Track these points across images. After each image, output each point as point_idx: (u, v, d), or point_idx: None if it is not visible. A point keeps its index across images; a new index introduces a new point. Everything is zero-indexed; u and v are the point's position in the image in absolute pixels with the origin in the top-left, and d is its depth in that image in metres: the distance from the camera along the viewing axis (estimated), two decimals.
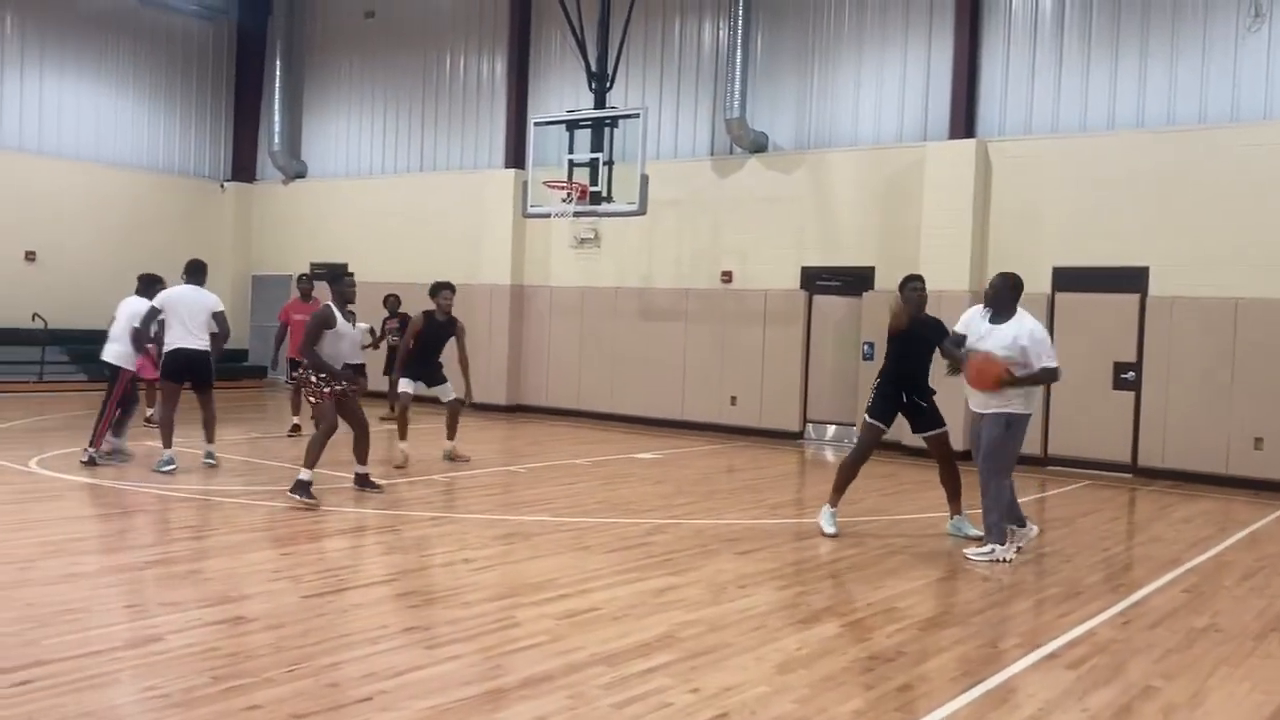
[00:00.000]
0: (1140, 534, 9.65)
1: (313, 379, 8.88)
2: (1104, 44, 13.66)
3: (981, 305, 7.93)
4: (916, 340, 8.32)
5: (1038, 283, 13.72)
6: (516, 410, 17.89)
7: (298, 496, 8.58)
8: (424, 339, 11.16)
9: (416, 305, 14.98)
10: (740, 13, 15.86)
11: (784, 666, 5.09)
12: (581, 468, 12.08)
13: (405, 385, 11.24)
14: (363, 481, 9.38)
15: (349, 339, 9.15)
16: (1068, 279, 13.57)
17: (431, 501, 9.28)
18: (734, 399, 15.94)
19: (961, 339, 7.87)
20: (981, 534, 7.99)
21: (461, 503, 9.46)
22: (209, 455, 10.62)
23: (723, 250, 16.37)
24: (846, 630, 5.76)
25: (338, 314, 9.04)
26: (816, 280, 15.56)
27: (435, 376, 11.39)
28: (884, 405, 8.43)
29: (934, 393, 8.52)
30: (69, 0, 20.04)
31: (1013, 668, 5.20)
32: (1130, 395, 13.08)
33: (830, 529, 8.35)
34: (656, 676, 4.83)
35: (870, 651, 5.38)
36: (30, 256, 19.43)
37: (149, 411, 13.34)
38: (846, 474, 8.47)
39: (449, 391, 11.43)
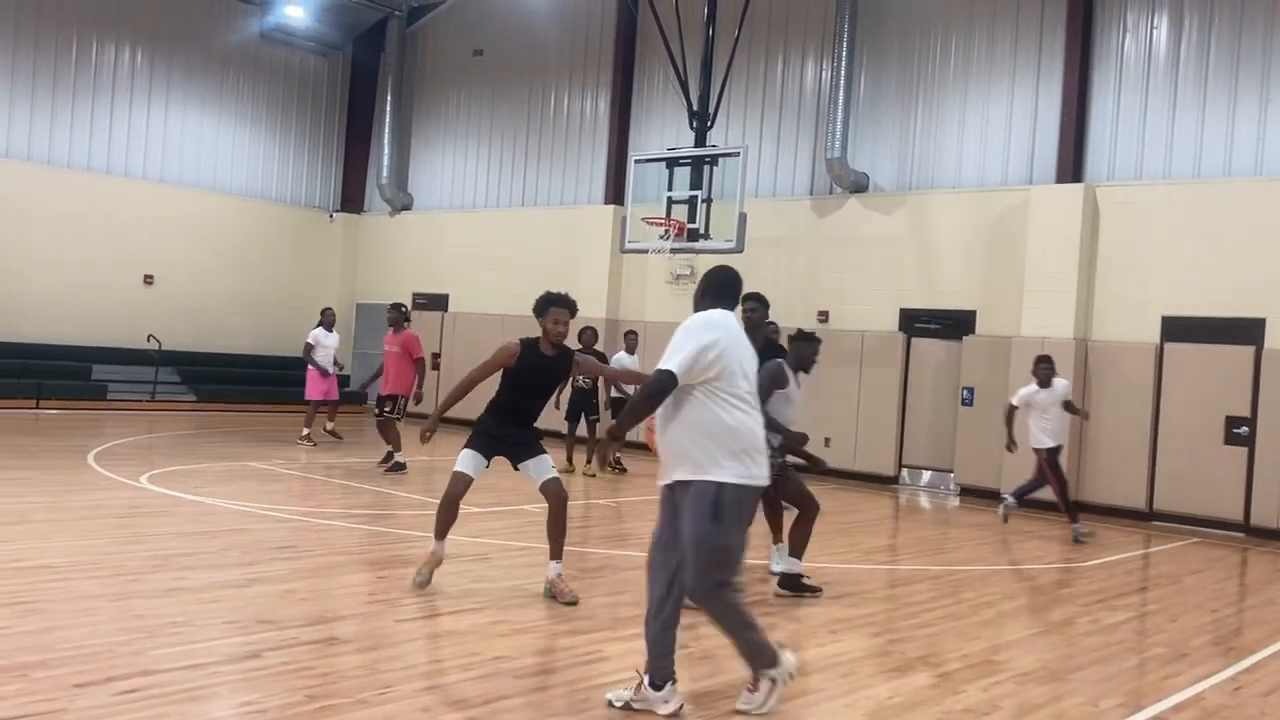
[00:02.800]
0: (1252, 596, 9.24)
1: None
2: (1221, 87, 13.29)
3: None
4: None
5: (1146, 332, 13.35)
6: None
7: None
8: (517, 382, 6.96)
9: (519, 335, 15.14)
10: (843, 53, 15.84)
11: (875, 715, 4.99)
12: None
13: (467, 463, 6.85)
14: None
15: None
16: (1178, 329, 13.16)
17: (523, 532, 9.35)
18: (828, 440, 15.75)
19: None
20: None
21: None
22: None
23: (820, 290, 16.27)
24: (940, 681, 5.62)
25: None
26: (915, 323, 15.36)
27: (526, 444, 7.00)
28: None
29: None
30: (194, 36, 20.97)
31: None
32: (1243, 451, 12.56)
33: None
34: (746, 718, 4.77)
35: (964, 704, 5.24)
36: (148, 280, 20.25)
37: (329, 424, 15.28)
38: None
39: (546, 467, 6.98)
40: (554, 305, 6.92)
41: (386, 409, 12.90)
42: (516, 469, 7.01)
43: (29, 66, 18.92)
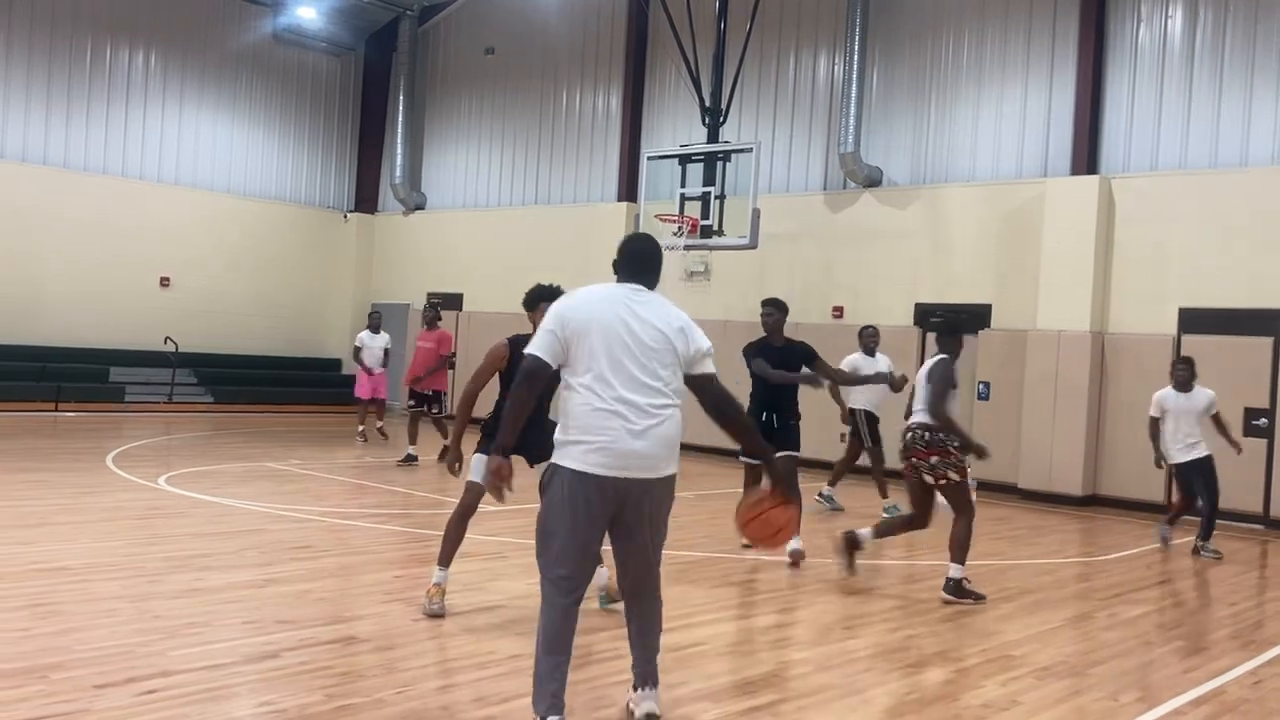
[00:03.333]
0: (1273, 589, 9.18)
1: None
2: (1237, 76, 13.19)
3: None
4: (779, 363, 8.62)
5: (1163, 324, 13.27)
6: None
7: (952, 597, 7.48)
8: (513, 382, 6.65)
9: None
10: (855, 47, 15.79)
11: (892, 711, 4.98)
12: (687, 501, 12.04)
13: (480, 470, 6.34)
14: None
15: None
16: (1195, 321, 13.08)
17: None
18: (843, 436, 15.69)
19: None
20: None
21: None
22: None
23: (834, 285, 16.23)
24: (958, 677, 5.61)
25: None
26: (930, 317, 15.29)
27: (541, 445, 5.54)
28: None
29: (799, 416, 8.68)
30: (207, 38, 21.07)
31: None
32: (1263, 443, 12.47)
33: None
34: (761, 715, 4.77)
35: (983, 700, 5.22)
36: (165, 282, 20.35)
37: (378, 423, 15.62)
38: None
39: None
40: (544, 299, 6.29)
41: (434, 409, 13.57)
42: (532, 467, 6.36)
43: (44, 72, 19.04)
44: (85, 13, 19.46)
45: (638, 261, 4.49)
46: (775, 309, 8.78)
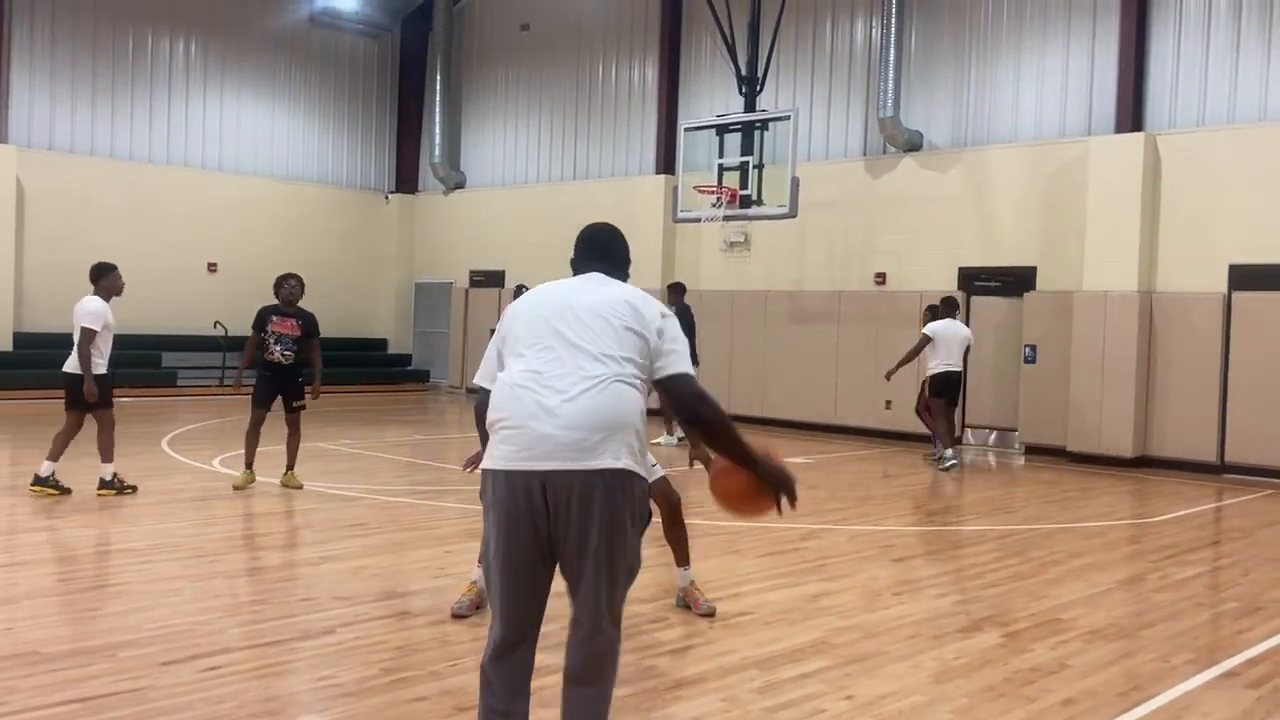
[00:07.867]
0: None
1: None
2: None
3: None
4: None
5: (1213, 282, 13.07)
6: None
7: None
8: None
9: None
10: (893, 8, 15.58)
11: (941, 676, 5.00)
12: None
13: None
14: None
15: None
16: (1246, 277, 12.86)
17: None
18: (889, 403, 15.66)
19: None
20: None
21: None
22: None
23: (876, 251, 16.13)
24: (1007, 641, 5.62)
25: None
26: (975, 281, 15.18)
27: None
28: None
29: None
30: (245, 24, 21.24)
31: (1185, 685, 4.99)
32: None
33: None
34: (810, 682, 4.82)
35: (1032, 664, 5.24)
36: (212, 268, 20.65)
37: None
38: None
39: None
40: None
41: None
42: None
43: (89, 64, 19.32)
44: (125, 3, 19.69)
45: (588, 245, 3.90)
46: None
